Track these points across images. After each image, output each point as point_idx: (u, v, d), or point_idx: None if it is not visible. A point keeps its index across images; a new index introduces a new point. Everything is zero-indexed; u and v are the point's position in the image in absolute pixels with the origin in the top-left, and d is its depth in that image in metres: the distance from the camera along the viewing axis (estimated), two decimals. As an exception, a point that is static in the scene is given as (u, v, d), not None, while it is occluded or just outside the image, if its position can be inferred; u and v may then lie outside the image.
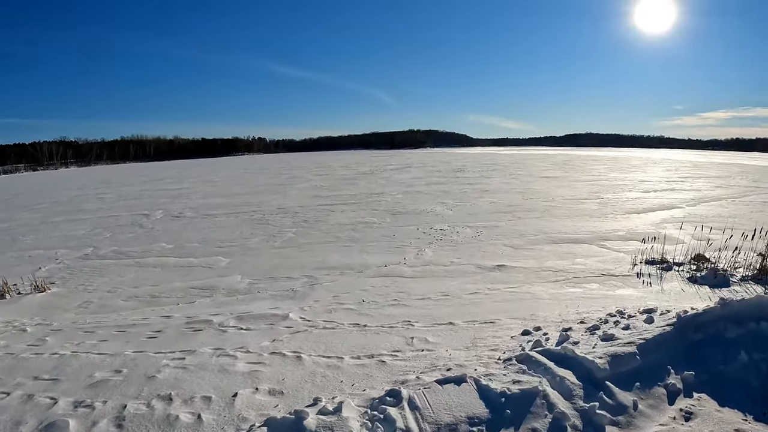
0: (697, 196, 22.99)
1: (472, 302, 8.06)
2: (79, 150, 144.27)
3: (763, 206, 19.52)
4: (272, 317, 7.58)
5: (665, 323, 5.66)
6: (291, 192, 27.77)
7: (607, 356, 4.94)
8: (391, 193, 25.32)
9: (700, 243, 10.94)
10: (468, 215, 17.37)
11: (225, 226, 16.64)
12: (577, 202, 20.46)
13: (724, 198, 22.26)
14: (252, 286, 9.51)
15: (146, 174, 59.68)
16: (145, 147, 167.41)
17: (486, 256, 11.25)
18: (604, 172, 38.77)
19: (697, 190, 25.30)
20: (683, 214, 17.42)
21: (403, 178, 36.30)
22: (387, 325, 7.09)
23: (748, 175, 36.66)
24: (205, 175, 50.24)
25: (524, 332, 6.35)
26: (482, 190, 26.08)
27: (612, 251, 11.58)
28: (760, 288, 8.47)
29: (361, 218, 17.40)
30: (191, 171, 61.40)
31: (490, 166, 49.32)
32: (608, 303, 7.69)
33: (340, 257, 11.61)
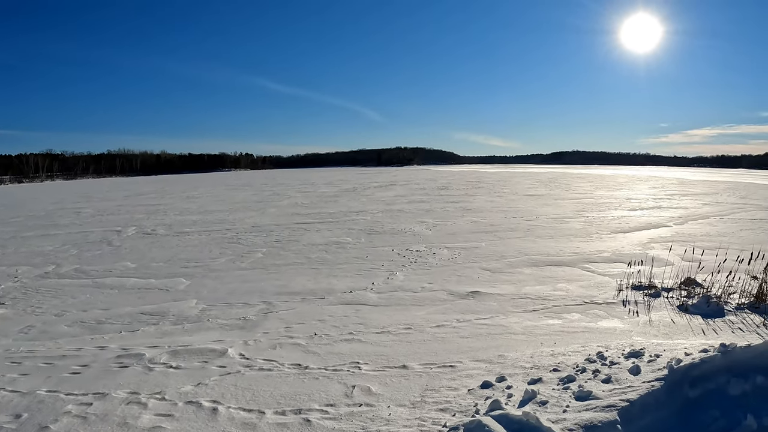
0: (685, 213, 22.55)
1: (435, 338, 7.23)
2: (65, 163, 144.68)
3: (752, 224, 19.17)
4: (209, 353, 6.89)
5: (654, 376, 4.73)
6: (270, 209, 26.99)
7: (580, 428, 4.02)
8: (371, 212, 24.57)
9: (690, 265, 10.36)
10: (447, 235, 16.59)
11: (194, 245, 15.87)
12: (562, 221, 19.79)
13: (712, 215, 21.88)
14: (204, 313, 8.81)
15: (129, 189, 59.06)
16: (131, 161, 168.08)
17: (461, 281, 10.49)
18: (590, 190, 38.44)
19: (684, 208, 24.91)
20: (671, 233, 16.92)
21: (386, 195, 35.60)
22: (331, 368, 6.30)
23: (735, 192, 36.60)
24: (187, 190, 49.54)
25: (484, 384, 5.41)
26: (465, 208, 25.34)
27: (596, 275, 10.86)
28: (759, 318, 7.77)
29: (335, 238, 16.62)
30: (174, 186, 60.86)
31: (475, 184, 48.95)
32: (589, 339, 6.91)
33: (305, 281, 10.87)
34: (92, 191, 55.76)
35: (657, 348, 5.81)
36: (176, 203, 33.11)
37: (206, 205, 31.02)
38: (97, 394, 5.67)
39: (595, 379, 5.00)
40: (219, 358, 6.68)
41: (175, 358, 6.72)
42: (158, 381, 6.01)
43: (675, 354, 5.30)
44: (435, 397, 5.31)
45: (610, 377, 4.94)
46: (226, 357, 6.72)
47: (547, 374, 5.42)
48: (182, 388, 5.80)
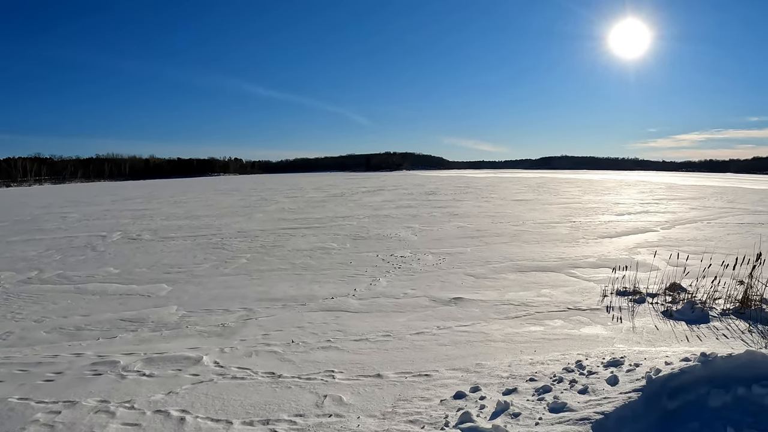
0: (672, 218, 22.51)
1: (413, 345, 7.07)
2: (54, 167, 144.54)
3: (739, 228, 19.14)
4: (184, 361, 6.74)
5: (632, 387, 4.57)
6: (256, 215, 26.77)
7: (552, 442, 3.86)
8: (357, 217, 24.38)
9: (676, 269, 10.25)
10: (433, 241, 16.43)
11: (179, 251, 15.68)
12: (548, 226, 19.65)
13: (700, 220, 21.83)
14: (183, 320, 8.66)
15: (117, 193, 58.78)
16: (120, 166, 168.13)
17: (444, 287, 10.34)
18: (578, 195, 38.43)
19: (672, 212, 24.89)
20: (658, 237, 16.83)
21: (374, 201, 35.45)
22: (305, 376, 6.15)
23: (723, 196, 36.69)
24: (175, 195, 49.29)
25: (457, 395, 5.24)
26: (452, 213, 25.19)
27: (581, 280, 10.72)
28: (744, 324, 7.63)
29: (321, 243, 16.43)
30: (162, 191, 60.54)
31: (463, 189, 48.89)
32: (570, 347, 6.76)
33: (287, 287, 10.71)
34: (80, 196, 55.44)
35: (638, 356, 5.67)
36: (163, 208, 32.88)
37: (193, 210, 30.79)
38: (68, 402, 5.56)
39: (571, 389, 4.84)
40: (193, 366, 6.54)
41: (149, 365, 6.59)
42: (130, 389, 5.89)
43: (655, 363, 5.16)
44: (406, 407, 5.15)
45: (586, 388, 4.78)
46: (200, 365, 6.58)
47: (523, 384, 5.26)
48: (153, 396, 5.67)
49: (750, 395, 4.44)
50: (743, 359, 4.73)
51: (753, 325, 7.56)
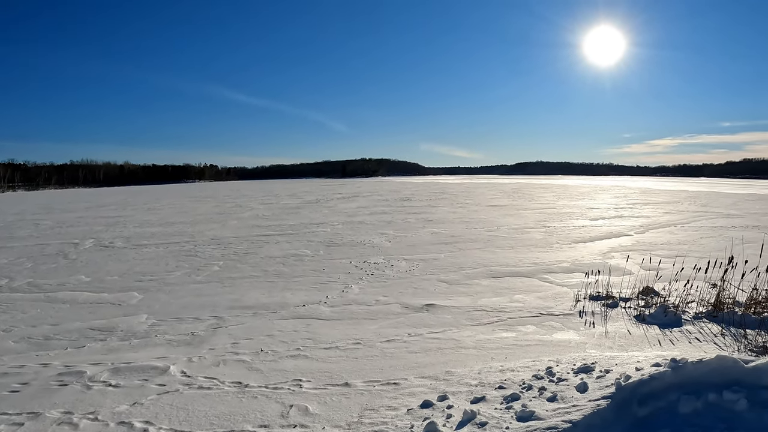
0: (646, 222, 22.65)
1: (383, 353, 6.95)
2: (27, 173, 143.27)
3: (712, 231, 19.31)
4: (151, 371, 6.60)
5: (601, 394, 4.47)
6: (231, 222, 26.53)
7: (518, 453, 3.74)
8: (331, 223, 24.25)
9: (649, 274, 10.32)
10: (407, 247, 16.33)
11: (151, 258, 15.45)
12: (523, 232, 19.64)
13: (673, 224, 22.01)
14: (153, 329, 8.50)
15: (91, 200, 58.13)
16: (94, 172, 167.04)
17: (416, 294, 10.25)
18: (553, 200, 38.62)
19: (645, 217, 25.06)
20: (632, 241, 16.89)
21: (348, 207, 35.31)
22: (272, 386, 6.02)
23: (696, 200, 37.07)
24: (150, 202, 48.76)
25: (425, 404, 5.11)
26: (426, 219, 25.14)
27: (554, 285, 10.67)
28: (717, 327, 7.61)
29: (294, 250, 16.27)
30: (137, 198, 59.94)
31: (438, 195, 48.94)
32: (542, 353, 6.69)
33: (259, 294, 10.57)
34: (53, 202, 54.76)
35: (609, 362, 5.59)
36: (137, 215, 32.48)
37: (167, 217, 30.47)
38: (31, 414, 5.44)
39: (540, 397, 4.73)
40: (160, 376, 6.41)
41: (115, 375, 6.46)
42: (95, 400, 5.76)
43: (626, 369, 5.07)
44: (372, 417, 5.03)
45: (556, 395, 4.67)
46: (167, 375, 6.45)
47: (492, 392, 5.15)
48: (117, 407, 5.55)
49: (721, 401, 4.37)
50: (714, 364, 4.65)
51: (726, 329, 7.53)
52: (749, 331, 7.42)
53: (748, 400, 4.39)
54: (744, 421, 4.25)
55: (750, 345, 6.85)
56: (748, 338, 7.15)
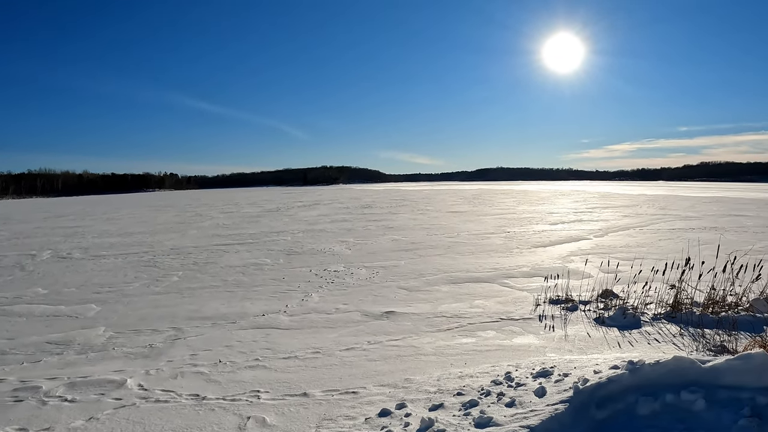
0: (605, 226, 22.90)
1: (342, 362, 6.87)
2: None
3: (670, 233, 19.59)
4: (108, 384, 6.44)
5: (560, 398, 4.42)
6: (190, 231, 26.21)
7: (474, 461, 3.67)
8: (292, 232, 24.09)
9: (608, 276, 10.38)
10: (367, 254, 16.26)
11: (110, 269, 15.16)
12: (483, 237, 19.71)
13: (632, 227, 22.29)
14: (110, 341, 8.30)
15: (49, 210, 57.08)
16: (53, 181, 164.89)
17: (377, 301, 10.18)
18: (513, 205, 38.94)
19: (605, 220, 25.36)
20: (591, 245, 17.02)
21: (309, 215, 35.16)
22: (230, 397, 5.90)
23: (654, 203, 37.65)
24: (109, 212, 48.03)
25: (383, 412, 5.04)
26: (387, 227, 25.12)
27: (515, 290, 10.67)
28: (676, 327, 7.68)
29: (254, 259, 16.11)
30: (96, 208, 59.03)
31: (399, 202, 49.02)
32: (501, 358, 6.66)
33: (218, 305, 10.42)
34: (11, 213, 53.64)
35: (568, 365, 5.56)
36: (96, 225, 31.94)
37: (127, 227, 30.02)
38: (-17, 434, 5.26)
39: (498, 402, 4.67)
40: (117, 390, 6.27)
41: (72, 390, 6.30)
42: (50, 416, 5.62)
43: (584, 372, 5.05)
44: (330, 427, 4.94)
45: (514, 400, 4.62)
46: (124, 388, 6.31)
47: (451, 399, 5.08)
48: (72, 423, 5.42)
49: (679, 401, 4.36)
50: (671, 365, 4.64)
51: (684, 329, 7.59)
52: (707, 330, 7.48)
53: (706, 400, 4.39)
54: (702, 421, 4.24)
55: (708, 344, 6.90)
56: (706, 338, 7.21)
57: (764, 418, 4.21)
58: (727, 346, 6.70)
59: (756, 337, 6.85)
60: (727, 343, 6.85)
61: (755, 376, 4.57)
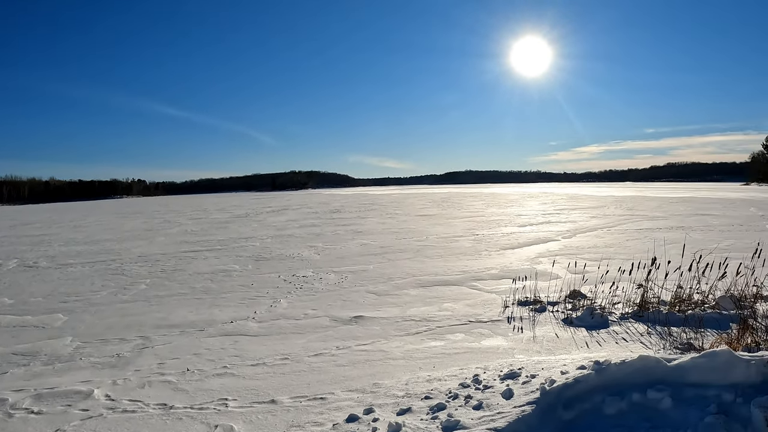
0: (573, 227, 23.04)
1: (311, 368, 6.81)
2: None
3: (638, 233, 19.76)
4: (75, 395, 6.33)
5: (526, 399, 4.41)
6: (158, 238, 25.90)
7: (441, 465, 3.64)
8: (260, 237, 23.93)
9: (576, 277, 10.43)
10: (336, 259, 16.20)
11: (76, 278, 14.90)
12: (452, 240, 19.73)
13: (600, 228, 22.46)
14: (77, 351, 8.17)
15: (15, 218, 55.98)
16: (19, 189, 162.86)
17: (345, 306, 10.13)
18: (482, 208, 39.07)
19: (573, 222, 25.53)
20: (559, 246, 17.10)
21: (278, 220, 34.99)
22: (198, 406, 5.82)
23: (622, 204, 38.06)
24: (76, 219, 47.29)
25: (350, 418, 4.99)
26: (355, 231, 25.07)
27: (483, 292, 10.67)
28: (643, 326, 7.73)
29: (222, 266, 15.96)
30: (63, 215, 58.04)
31: (368, 206, 48.97)
32: (470, 360, 6.65)
33: (186, 312, 10.30)
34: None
35: (536, 367, 5.56)
36: (63, 233, 31.41)
37: (94, 234, 29.57)
38: (-51, 449, 5.12)
39: (466, 405, 4.64)
40: (84, 401, 6.18)
41: (38, 402, 6.21)
42: (16, 428, 5.55)
43: (552, 373, 5.05)
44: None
45: (481, 403, 4.60)
46: (91, 399, 6.22)
47: (418, 403, 5.05)
48: None
49: (645, 400, 4.36)
50: (637, 365, 4.65)
51: (651, 327, 7.65)
52: (674, 328, 7.55)
53: (672, 398, 4.40)
54: (668, 419, 4.25)
55: (675, 342, 6.96)
56: (673, 336, 7.27)
57: (730, 414, 4.24)
58: (693, 343, 6.76)
59: (722, 334, 6.93)
60: (693, 340, 6.91)
61: (720, 373, 4.59)
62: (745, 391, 4.45)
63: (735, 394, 4.41)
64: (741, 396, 4.39)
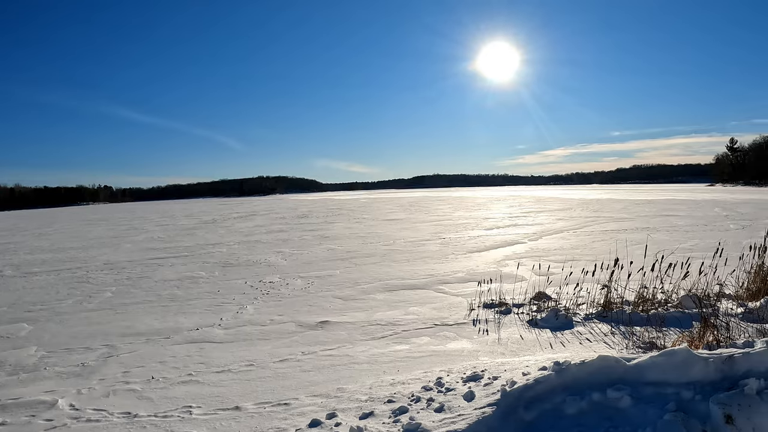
0: (540, 229, 23.24)
1: (276, 374, 6.78)
2: None
3: (603, 235, 19.98)
4: (39, 405, 6.26)
5: (487, 401, 4.42)
6: (125, 245, 25.61)
7: (401, 468, 3.64)
8: (227, 244, 23.76)
9: (541, 279, 10.54)
10: (303, 264, 16.13)
11: (42, 286, 14.66)
12: (419, 244, 19.76)
13: (566, 230, 22.67)
14: (42, 361, 8.05)
15: (-20, 227, 55.11)
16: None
17: (312, 311, 10.09)
18: (449, 212, 39.25)
19: (539, 224, 25.77)
20: (526, 249, 17.24)
21: (245, 226, 34.78)
22: (162, 414, 5.77)
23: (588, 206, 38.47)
24: (42, 227, 46.66)
25: (313, 423, 4.97)
26: (323, 236, 25.00)
27: (449, 296, 10.70)
28: (607, 326, 7.81)
29: (189, 272, 15.81)
30: (28, 223, 57.41)
31: (335, 211, 48.92)
32: (434, 363, 6.66)
33: (152, 320, 10.19)
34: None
35: (499, 368, 5.59)
36: (28, 241, 30.97)
37: (59, 242, 29.17)
38: None
39: (428, 408, 4.65)
40: (48, 411, 6.10)
41: (2, 413, 6.12)
42: None
43: (514, 374, 5.07)
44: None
45: (443, 406, 4.60)
46: (55, 409, 6.15)
47: (381, 406, 5.05)
48: None
49: (605, 399, 4.40)
50: (597, 364, 4.69)
51: (615, 327, 7.73)
52: (637, 328, 7.63)
53: (632, 396, 4.44)
54: (628, 418, 4.29)
55: (638, 342, 7.04)
56: (636, 335, 7.35)
57: (689, 412, 4.28)
58: (656, 342, 6.84)
59: (684, 332, 7.01)
60: (656, 339, 6.98)
61: (679, 371, 4.64)
62: (704, 389, 4.51)
63: (694, 392, 4.47)
64: (700, 393, 4.44)
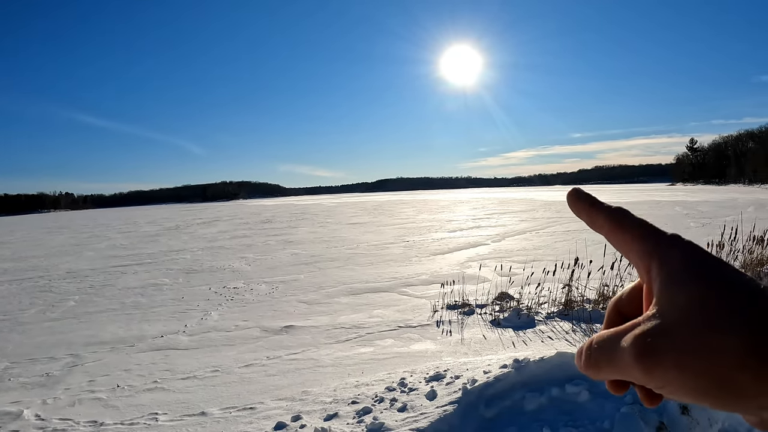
0: (503, 231, 23.43)
1: (241, 379, 6.79)
2: None
3: (566, 235, 20.24)
4: (4, 416, 6.20)
5: (449, 399, 4.50)
6: (87, 253, 25.23)
7: (364, 466, 3.69)
8: (191, 250, 23.56)
9: (504, 279, 10.66)
10: (267, 269, 16.08)
11: (3, 296, 14.38)
12: (382, 247, 19.83)
13: (529, 231, 22.88)
14: (6, 372, 7.94)
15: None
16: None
17: (276, 316, 10.08)
18: (413, 215, 39.38)
19: (502, 226, 25.95)
20: (489, 250, 17.38)
21: (209, 232, 34.49)
22: (128, 422, 5.75)
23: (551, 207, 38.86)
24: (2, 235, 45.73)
25: (278, 426, 5.01)
26: (286, 241, 24.92)
27: (413, 298, 10.77)
28: (568, 324, 7.97)
29: (153, 279, 15.66)
30: (-14, 233, 56.22)
31: (299, 216, 48.79)
32: (398, 365, 6.72)
33: (116, 328, 10.08)
34: None
35: (461, 368, 5.67)
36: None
37: (20, 251, 28.62)
38: None
39: (391, 408, 4.71)
40: (13, 421, 6.05)
41: None
42: None
43: (475, 373, 5.15)
44: (226, 445, 4.90)
45: (405, 405, 4.67)
46: (20, 419, 6.09)
47: (345, 408, 5.10)
48: None
49: (564, 395, 4.50)
50: (555, 361, 4.79)
51: (576, 325, 7.87)
52: (597, 325, 7.78)
53: (590, 391, 4.55)
54: (586, 411, 4.39)
55: (598, 339, 7.17)
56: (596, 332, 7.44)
57: (645, 405, 4.39)
58: (615, 339, 6.98)
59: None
60: (615, 336, 7.12)
61: (636, 366, 4.76)
62: (660, 382, 4.63)
63: (650, 385, 4.58)
64: (656, 386, 4.56)
